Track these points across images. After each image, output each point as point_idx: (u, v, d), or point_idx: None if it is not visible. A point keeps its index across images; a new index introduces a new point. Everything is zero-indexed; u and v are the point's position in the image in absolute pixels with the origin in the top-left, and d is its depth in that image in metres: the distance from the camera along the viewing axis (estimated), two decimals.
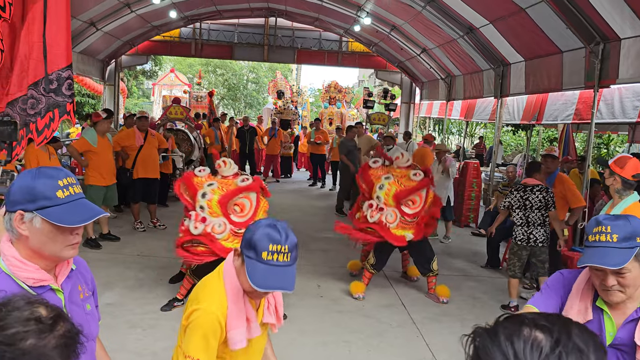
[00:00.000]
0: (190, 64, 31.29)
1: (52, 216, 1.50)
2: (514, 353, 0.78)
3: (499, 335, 0.81)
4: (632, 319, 1.85)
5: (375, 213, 5.53)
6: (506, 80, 9.02)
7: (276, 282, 1.80)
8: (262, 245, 1.79)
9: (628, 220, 1.81)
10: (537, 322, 0.82)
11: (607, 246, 1.78)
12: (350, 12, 11.85)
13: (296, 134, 17.37)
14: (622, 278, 1.78)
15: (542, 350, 0.77)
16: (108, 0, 10.21)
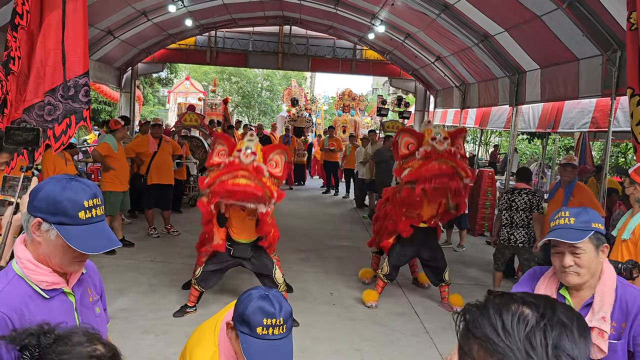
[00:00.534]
0: (205, 72, 31.56)
1: (69, 236, 1.49)
2: (502, 325, 0.83)
3: (489, 309, 0.86)
4: (586, 304, 2.03)
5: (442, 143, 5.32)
6: (521, 88, 8.95)
7: (273, 358, 1.73)
8: (256, 320, 1.72)
9: (586, 210, 2.05)
10: (525, 299, 0.87)
11: (565, 227, 2.01)
12: (364, 20, 11.87)
13: (310, 141, 17.39)
14: (578, 258, 1.98)
15: (528, 322, 0.82)
16: (125, 9, 10.35)
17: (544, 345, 0.80)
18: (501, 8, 7.68)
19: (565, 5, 6.31)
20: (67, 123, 3.86)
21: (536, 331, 0.81)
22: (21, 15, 3.79)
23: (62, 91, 3.83)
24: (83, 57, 3.94)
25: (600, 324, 1.95)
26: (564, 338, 0.81)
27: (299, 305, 5.43)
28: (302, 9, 12.83)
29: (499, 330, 0.83)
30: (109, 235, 1.58)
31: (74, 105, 3.86)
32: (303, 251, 7.78)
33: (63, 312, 1.61)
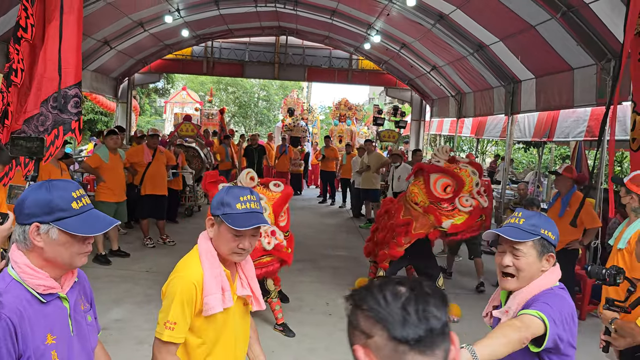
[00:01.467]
0: (202, 82, 31.62)
1: (70, 226, 1.57)
2: (384, 298, 1.02)
3: (373, 288, 1.05)
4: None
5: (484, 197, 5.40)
6: (517, 98, 9.00)
7: (255, 221, 2.01)
8: (233, 199, 2.02)
9: (539, 215, 2.03)
10: (399, 279, 1.07)
11: (513, 226, 1.99)
12: (360, 30, 11.93)
13: (306, 151, 17.41)
14: (517, 259, 1.96)
15: (402, 295, 1.02)
16: (122, 20, 10.39)
17: (414, 309, 0.99)
18: (496, 18, 7.73)
19: (559, 15, 6.35)
20: (55, 134, 3.85)
21: (409, 300, 1.01)
22: (25, 28, 3.81)
23: (53, 102, 3.82)
24: (75, 69, 3.94)
25: (501, 315, 2.01)
26: (430, 304, 1.01)
27: (295, 316, 5.40)
28: (298, 20, 12.89)
29: (381, 302, 1.01)
30: (104, 217, 1.68)
31: (62, 116, 3.84)
32: (299, 261, 7.74)
33: (58, 317, 1.64)
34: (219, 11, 11.89)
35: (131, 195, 7.80)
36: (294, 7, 11.73)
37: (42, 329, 1.58)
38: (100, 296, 5.70)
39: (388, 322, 0.99)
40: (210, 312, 2.04)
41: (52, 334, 1.61)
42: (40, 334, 1.57)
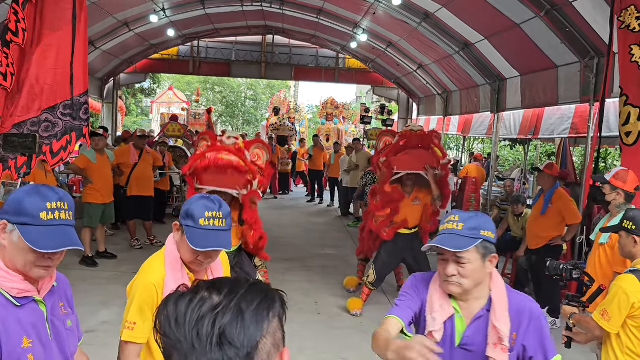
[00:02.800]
0: (189, 82, 31.45)
1: (27, 235, 1.51)
2: (176, 317, 0.77)
3: (169, 302, 0.81)
4: (477, 317, 1.91)
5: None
6: (502, 95, 9.07)
7: (214, 243, 1.97)
8: (199, 213, 1.97)
9: (476, 215, 1.91)
10: (214, 284, 0.82)
11: (453, 233, 1.86)
12: (346, 29, 11.95)
13: (294, 149, 17.41)
14: (462, 268, 1.85)
15: (202, 309, 0.77)
16: (106, 20, 10.29)
17: (209, 333, 0.75)
18: (481, 16, 7.78)
19: (543, 13, 6.41)
20: (67, 140, 3.88)
21: (206, 318, 0.76)
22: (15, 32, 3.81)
23: (63, 109, 3.86)
24: (83, 77, 4.01)
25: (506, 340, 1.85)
26: (233, 325, 0.76)
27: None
28: (284, 19, 12.87)
29: (172, 323, 0.78)
30: (70, 236, 1.59)
31: (74, 123, 3.89)
32: (287, 260, 7.76)
33: (33, 320, 1.62)
34: (205, 10, 11.82)
35: (117, 196, 7.74)
36: (280, 6, 11.71)
37: (17, 332, 1.56)
38: (88, 298, 5.66)
39: (176, 348, 0.77)
40: None
41: (29, 338, 1.59)
42: (15, 337, 1.55)
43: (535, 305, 1.94)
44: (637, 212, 2.92)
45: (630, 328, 2.66)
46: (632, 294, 2.60)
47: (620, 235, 2.93)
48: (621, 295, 2.62)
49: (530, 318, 1.89)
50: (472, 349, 1.90)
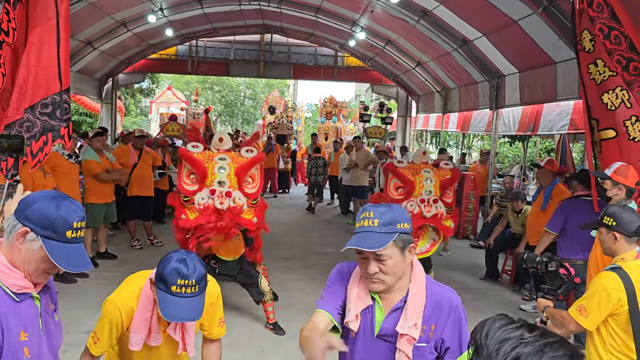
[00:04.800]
0: (187, 82, 31.46)
1: (53, 251, 1.60)
2: (489, 327, 0.94)
3: (495, 318, 0.97)
4: (396, 308, 1.90)
5: (431, 207, 5.18)
6: (501, 92, 9.07)
7: (184, 313, 2.00)
8: (171, 280, 1.99)
9: (390, 208, 1.87)
10: (529, 324, 0.94)
11: (369, 230, 1.82)
12: (344, 27, 11.94)
13: (293, 148, 17.41)
14: (383, 264, 1.83)
15: (510, 334, 0.91)
16: (104, 20, 10.29)
17: (507, 354, 0.87)
18: (479, 13, 7.78)
19: (541, 9, 6.42)
20: (44, 140, 3.82)
21: (510, 341, 0.89)
22: (6, 32, 3.78)
23: (41, 108, 3.81)
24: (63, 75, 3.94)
25: (411, 331, 1.85)
26: (529, 357, 0.86)
27: (285, 313, 5.41)
28: (282, 17, 12.87)
29: (484, 331, 0.95)
30: (85, 256, 1.71)
31: (51, 123, 3.83)
32: (288, 259, 7.76)
33: (30, 316, 1.70)
34: (203, 10, 11.82)
35: (117, 196, 7.73)
36: (278, 5, 11.70)
37: (16, 325, 1.63)
38: (87, 299, 5.66)
39: (477, 353, 0.92)
40: (132, 348, 2.24)
41: (25, 331, 1.67)
42: (14, 330, 1.63)
43: (455, 296, 1.94)
44: (617, 208, 2.87)
45: (612, 326, 2.62)
46: (613, 292, 2.55)
47: (600, 232, 2.88)
48: (601, 293, 2.58)
49: (450, 309, 1.89)
50: (390, 340, 1.91)
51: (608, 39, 4.19)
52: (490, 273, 7.22)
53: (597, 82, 4.28)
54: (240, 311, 5.61)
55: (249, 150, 4.74)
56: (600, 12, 4.21)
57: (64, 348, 4.52)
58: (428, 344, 1.88)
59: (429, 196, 5.20)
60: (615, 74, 4.18)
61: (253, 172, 4.69)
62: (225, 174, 4.49)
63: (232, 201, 4.45)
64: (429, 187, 5.23)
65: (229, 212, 4.45)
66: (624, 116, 4.16)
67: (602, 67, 4.24)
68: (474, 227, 9.94)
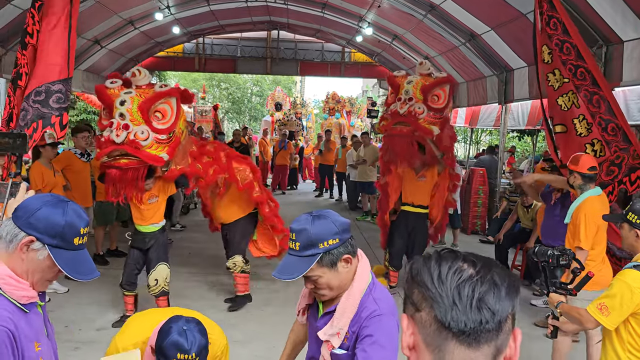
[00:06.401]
0: (195, 79, 31.49)
1: (61, 260, 1.56)
2: (438, 274, 0.91)
3: (431, 260, 0.95)
4: (328, 311, 1.92)
5: (404, 105, 5.67)
6: (510, 86, 8.99)
7: None
8: (170, 354, 1.95)
9: (312, 224, 1.80)
10: (466, 256, 0.96)
11: (292, 254, 1.82)
12: (351, 22, 11.89)
13: (301, 144, 17.39)
14: (316, 283, 1.84)
15: (462, 275, 0.90)
16: (112, 18, 10.31)
17: (469, 296, 0.88)
18: (487, 7, 7.72)
19: None
20: (34, 127, 3.87)
21: (467, 284, 0.89)
22: (31, 34, 3.88)
23: (35, 96, 3.88)
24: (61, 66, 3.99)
25: (333, 338, 1.86)
26: (490, 294, 0.89)
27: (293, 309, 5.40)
28: (289, 14, 12.84)
29: (434, 278, 0.91)
30: (91, 262, 1.68)
31: (42, 110, 3.88)
32: None
33: (38, 324, 1.66)
34: (210, 7, 11.82)
35: None
36: (284, 1, 11.68)
37: (30, 337, 1.58)
38: (98, 296, 5.70)
39: (435, 301, 0.90)
40: None
41: (38, 342, 1.62)
42: (30, 343, 1.57)
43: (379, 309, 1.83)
44: None
45: (632, 325, 2.53)
46: (637, 291, 2.47)
47: (622, 227, 2.81)
48: (625, 291, 2.49)
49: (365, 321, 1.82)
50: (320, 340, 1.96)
51: (562, 51, 4.92)
52: None
53: (555, 88, 5.02)
54: (250, 307, 5.63)
55: (163, 85, 4.68)
56: (555, 30, 4.93)
57: (75, 345, 4.57)
58: (347, 352, 1.86)
59: (405, 96, 5.71)
60: (568, 81, 4.90)
61: (162, 106, 4.49)
62: (126, 107, 4.32)
63: (132, 134, 4.27)
64: (407, 88, 5.73)
65: (128, 146, 4.29)
66: (574, 115, 4.89)
67: (559, 75, 4.97)
68: (483, 223, 9.90)
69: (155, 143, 4.41)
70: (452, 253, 0.97)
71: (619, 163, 4.71)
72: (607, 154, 4.76)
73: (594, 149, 4.86)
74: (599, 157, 4.75)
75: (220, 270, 6.60)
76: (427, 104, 5.66)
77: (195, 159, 5.01)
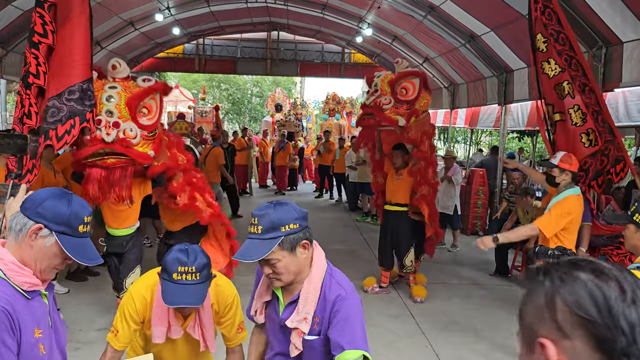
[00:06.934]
0: (195, 80, 31.50)
1: (68, 246, 1.66)
2: (603, 297, 0.78)
3: (579, 273, 0.81)
4: (292, 301, 1.99)
5: (371, 97, 5.88)
6: (509, 87, 9.00)
7: (184, 299, 2.05)
8: (172, 268, 2.05)
9: (274, 209, 1.88)
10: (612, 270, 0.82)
11: (254, 238, 1.87)
12: (351, 23, 11.91)
13: (300, 145, 17.39)
14: (274, 267, 1.89)
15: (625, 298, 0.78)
16: (112, 19, 10.33)
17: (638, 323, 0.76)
18: (486, 8, 7.73)
19: None
20: (71, 124, 3.96)
21: (632, 309, 0.77)
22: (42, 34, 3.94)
23: (68, 95, 3.95)
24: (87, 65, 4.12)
25: (301, 325, 1.93)
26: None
27: None
28: (289, 15, 12.85)
29: (598, 303, 0.78)
30: (94, 250, 1.78)
31: (77, 107, 3.97)
32: None
33: (41, 313, 1.71)
34: (210, 8, 11.84)
35: None
36: (284, 2, 11.69)
37: (30, 322, 1.65)
38: (99, 296, 5.71)
39: (601, 333, 0.76)
40: (154, 341, 2.27)
41: (39, 328, 1.68)
42: (29, 327, 1.64)
43: (343, 294, 1.95)
44: None
45: None
46: None
47: (627, 228, 2.76)
48: None
49: (334, 304, 1.93)
50: (289, 330, 1.99)
51: (557, 41, 4.96)
52: (500, 269, 7.19)
53: (550, 77, 5.07)
54: None
55: (146, 79, 4.40)
56: (550, 20, 4.96)
57: (76, 345, 4.57)
58: (318, 337, 1.95)
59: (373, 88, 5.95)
60: (563, 70, 4.97)
61: (149, 102, 4.30)
62: (114, 104, 4.13)
63: (121, 132, 4.09)
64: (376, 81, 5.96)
65: (119, 145, 4.09)
66: (569, 105, 4.98)
67: (554, 64, 5.03)
68: (483, 224, 9.91)
69: (141, 140, 4.22)
70: (591, 263, 0.84)
71: (607, 154, 4.93)
72: (600, 144, 4.93)
73: (589, 138, 4.99)
74: (593, 147, 4.94)
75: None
76: (395, 96, 5.79)
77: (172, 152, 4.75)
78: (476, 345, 4.95)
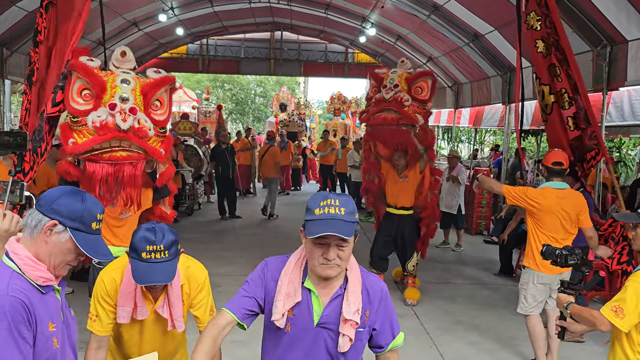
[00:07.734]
0: (198, 80, 31.54)
1: (81, 242, 1.71)
2: None
3: None
4: (336, 295, 1.97)
5: (390, 92, 5.71)
6: (514, 86, 8.97)
7: (154, 277, 2.08)
8: (140, 247, 2.07)
9: (348, 197, 1.94)
10: None
11: (336, 218, 1.85)
12: (355, 23, 11.90)
13: (304, 145, 17.38)
14: (342, 251, 1.88)
15: None
16: (116, 20, 10.35)
17: None
18: (490, 7, 7.71)
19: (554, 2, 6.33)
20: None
21: None
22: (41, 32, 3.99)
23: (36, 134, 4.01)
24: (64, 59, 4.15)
25: (354, 316, 1.93)
26: None
27: None
28: (292, 14, 12.85)
29: None
30: (106, 246, 1.83)
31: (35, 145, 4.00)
32: None
33: (54, 308, 1.76)
34: (213, 8, 11.85)
35: None
36: (287, 2, 11.69)
37: (45, 316, 1.69)
38: None
39: None
40: (119, 321, 2.28)
41: (53, 322, 1.73)
42: (44, 321, 1.69)
43: (383, 285, 2.09)
44: None
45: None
46: None
47: (638, 226, 2.73)
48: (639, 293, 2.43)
49: (381, 297, 2.04)
50: (331, 327, 1.97)
51: (545, 24, 5.04)
52: (504, 269, 7.17)
53: (544, 56, 5.08)
54: None
55: (157, 71, 3.80)
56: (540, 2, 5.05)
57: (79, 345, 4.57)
58: (365, 329, 1.99)
59: (390, 83, 5.80)
60: (551, 53, 5.04)
61: (161, 95, 3.67)
62: (130, 88, 3.50)
63: (137, 121, 3.43)
64: (392, 77, 5.90)
65: (133, 135, 3.43)
66: (556, 88, 5.08)
67: (547, 44, 5.06)
68: (487, 223, 9.88)
69: (154, 136, 3.60)
70: None
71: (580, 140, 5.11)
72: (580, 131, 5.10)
73: (575, 121, 5.10)
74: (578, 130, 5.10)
75: (221, 270, 6.62)
76: (411, 94, 5.69)
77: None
78: (481, 345, 4.94)
